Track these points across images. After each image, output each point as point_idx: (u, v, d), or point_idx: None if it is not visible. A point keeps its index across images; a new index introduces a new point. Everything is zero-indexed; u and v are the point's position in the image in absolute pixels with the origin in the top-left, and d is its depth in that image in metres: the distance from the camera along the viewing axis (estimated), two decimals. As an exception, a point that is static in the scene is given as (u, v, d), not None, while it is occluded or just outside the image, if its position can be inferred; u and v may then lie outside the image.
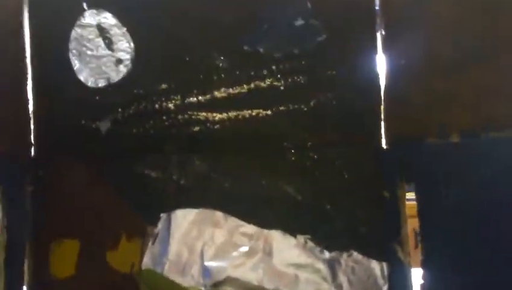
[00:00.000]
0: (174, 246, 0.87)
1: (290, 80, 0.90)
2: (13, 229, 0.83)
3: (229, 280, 0.85)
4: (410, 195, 0.85)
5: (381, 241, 0.85)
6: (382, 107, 0.87)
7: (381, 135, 0.88)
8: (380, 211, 0.86)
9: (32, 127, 0.91)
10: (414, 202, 0.84)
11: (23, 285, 0.85)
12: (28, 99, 0.90)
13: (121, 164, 0.90)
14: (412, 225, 0.84)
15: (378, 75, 0.88)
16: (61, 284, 0.86)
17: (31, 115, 0.91)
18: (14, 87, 0.91)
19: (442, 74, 0.74)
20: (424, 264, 0.77)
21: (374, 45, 0.87)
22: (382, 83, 0.87)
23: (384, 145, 0.88)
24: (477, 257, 0.67)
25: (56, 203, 0.89)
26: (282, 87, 0.90)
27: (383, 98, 0.87)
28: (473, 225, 0.68)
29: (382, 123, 0.87)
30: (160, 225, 0.88)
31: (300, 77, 0.90)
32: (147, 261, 0.87)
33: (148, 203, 0.89)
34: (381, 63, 0.87)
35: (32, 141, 0.91)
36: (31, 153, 0.90)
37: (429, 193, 0.75)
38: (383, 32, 0.85)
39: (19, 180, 0.87)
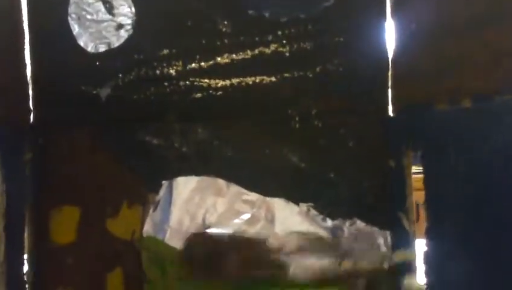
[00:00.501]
0: (175, 213, 0.86)
1: (295, 45, 0.87)
2: (12, 196, 0.81)
3: None
4: (415, 168, 0.84)
5: (386, 211, 0.84)
6: (389, 73, 0.85)
7: (388, 102, 0.86)
8: (385, 180, 0.84)
9: (30, 93, 0.88)
10: (417, 175, 0.83)
11: (23, 251, 0.84)
12: (25, 65, 0.87)
13: (121, 131, 0.88)
14: (414, 197, 0.83)
15: (386, 41, 0.85)
16: (61, 250, 0.85)
17: (29, 81, 0.88)
18: (11, 52, 0.88)
19: (454, 37, 0.71)
20: (428, 234, 0.76)
21: (383, 10, 0.84)
22: (390, 49, 0.85)
23: (391, 113, 0.86)
24: (486, 227, 0.66)
25: (56, 170, 0.87)
26: (287, 54, 0.87)
27: (390, 64, 0.85)
28: (483, 194, 0.66)
29: (389, 90, 0.86)
30: (161, 192, 0.87)
31: (306, 43, 0.87)
32: (148, 229, 0.86)
33: (149, 171, 0.87)
34: (389, 29, 0.85)
35: (31, 108, 0.89)
36: (29, 119, 0.88)
37: (437, 160, 0.73)
38: (393, -3, 0.83)
39: (17, 147, 0.85)
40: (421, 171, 0.79)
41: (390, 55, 0.85)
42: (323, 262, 0.82)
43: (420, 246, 0.80)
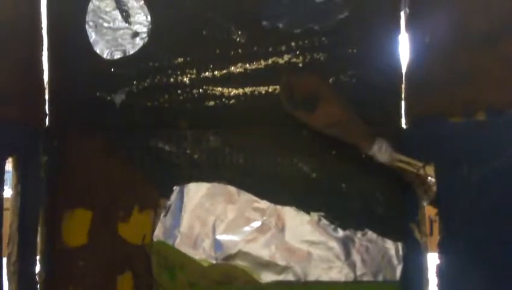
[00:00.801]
0: (186, 219, 0.86)
1: (309, 57, 0.87)
2: (27, 197, 0.82)
3: (240, 254, 0.84)
4: None
5: (398, 222, 0.84)
6: (403, 85, 0.85)
7: (401, 114, 0.86)
8: (397, 191, 0.84)
9: (46, 97, 0.90)
10: None
11: (36, 252, 0.84)
12: (43, 70, 0.89)
13: (134, 137, 0.88)
14: (427, 212, 0.83)
15: (400, 53, 0.85)
16: (73, 252, 0.85)
17: (46, 85, 0.89)
18: (30, 56, 0.89)
19: (469, 49, 0.71)
20: (441, 248, 0.75)
21: (397, 22, 0.84)
22: (404, 61, 0.86)
23: (404, 125, 0.86)
24: (500, 242, 0.65)
25: (69, 173, 0.87)
26: (300, 64, 0.87)
27: (404, 76, 0.85)
28: (497, 208, 0.65)
29: (402, 102, 0.86)
30: (172, 198, 0.87)
31: (320, 54, 0.87)
32: (158, 233, 0.86)
33: (161, 176, 0.87)
34: (404, 42, 0.85)
35: (47, 111, 0.90)
36: (45, 123, 0.89)
37: (450, 173, 0.72)
38: (407, 10, 0.83)
39: (33, 149, 0.86)
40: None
41: (404, 67, 0.85)
42: None
43: (432, 260, 0.80)
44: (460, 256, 0.71)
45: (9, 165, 0.81)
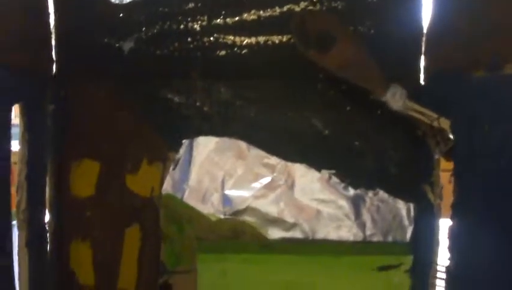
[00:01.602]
0: (195, 173, 0.85)
1: (326, 4, 0.82)
2: (34, 146, 0.82)
3: (249, 210, 0.83)
4: None
5: (411, 183, 0.82)
6: (423, 39, 0.81)
7: (420, 69, 0.82)
8: (412, 150, 0.81)
9: (53, 43, 0.88)
10: None
11: (44, 201, 0.85)
12: (49, 14, 0.86)
13: (143, 87, 0.86)
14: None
15: (422, 5, 0.81)
16: (81, 203, 0.85)
17: (52, 31, 0.87)
18: (35, 0, 0.87)
19: (497, -1, 0.66)
20: (455, 209, 0.73)
21: (421, -30, 0.80)
22: (426, 12, 0.81)
23: (422, 81, 0.83)
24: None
25: (76, 123, 0.86)
26: None
27: (425, 29, 0.81)
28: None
29: (422, 56, 0.82)
30: (181, 151, 0.86)
31: (338, 2, 0.82)
32: (167, 187, 0.85)
33: (170, 129, 0.85)
34: (427, -9, 0.81)
35: (54, 58, 0.88)
36: (52, 70, 0.87)
37: (469, 129, 0.68)
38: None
39: (39, 97, 0.84)
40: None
41: (426, 19, 0.81)
42: None
43: (443, 224, 0.78)
44: (474, 217, 0.69)
45: (16, 120, 0.80)
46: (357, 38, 0.79)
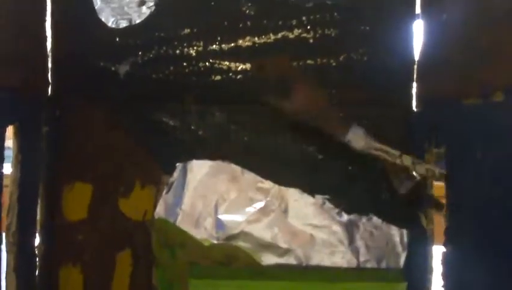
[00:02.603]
0: (188, 197, 0.85)
1: (320, 32, 0.84)
2: (27, 168, 0.81)
3: (242, 235, 0.83)
4: None
5: (404, 209, 0.82)
6: (415, 66, 0.83)
7: (411, 96, 0.84)
8: (405, 177, 0.83)
9: (50, 65, 0.88)
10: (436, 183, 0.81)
11: (35, 224, 0.84)
12: (46, 37, 0.87)
13: (138, 110, 0.87)
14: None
15: (413, 33, 0.83)
16: (73, 226, 0.85)
17: (49, 53, 0.88)
18: (33, 23, 0.87)
19: (489, 26, 0.68)
20: (448, 235, 0.73)
21: (413, 0, 0.82)
22: (418, 40, 0.83)
23: (414, 108, 0.84)
24: (511, 231, 0.63)
25: (71, 145, 0.86)
26: (311, 40, 0.84)
27: (417, 56, 0.83)
28: (510, 195, 0.63)
29: (414, 84, 0.83)
30: (175, 175, 0.85)
31: (331, 30, 0.84)
32: (160, 211, 0.85)
33: (164, 152, 0.86)
34: (418, 21, 0.82)
35: (49, 80, 0.88)
36: (47, 92, 0.88)
37: (462, 156, 0.69)
38: (424, -12, 0.80)
39: (34, 118, 0.85)
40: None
41: (418, 46, 0.83)
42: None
43: (436, 250, 0.78)
44: (468, 244, 0.69)
45: (9, 143, 0.80)
46: (314, 81, 0.81)
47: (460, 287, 0.72)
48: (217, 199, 0.85)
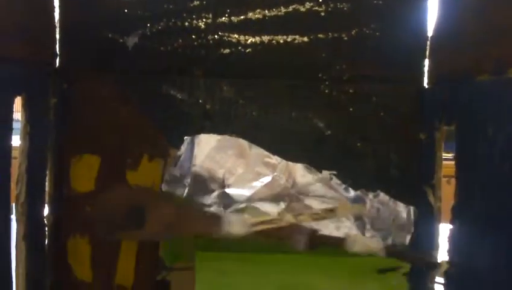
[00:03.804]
0: (195, 170, 0.85)
1: (332, 5, 0.83)
2: (35, 139, 0.82)
3: (249, 208, 0.83)
4: (444, 155, 0.81)
5: (411, 185, 0.82)
6: (428, 42, 0.81)
7: (424, 73, 0.83)
8: (414, 153, 0.82)
9: (57, 36, 0.88)
10: (446, 162, 0.80)
11: (44, 194, 0.85)
12: (53, 7, 0.86)
13: (146, 83, 0.87)
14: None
15: (427, 8, 0.82)
16: (80, 198, 0.85)
17: (57, 24, 0.88)
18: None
19: (504, 1, 0.66)
20: (456, 213, 0.73)
21: (428, -26, 0.80)
22: (431, 16, 0.81)
23: (426, 84, 0.83)
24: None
25: (78, 117, 0.86)
26: (322, 13, 0.83)
27: (430, 32, 0.81)
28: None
29: (426, 60, 0.82)
30: (182, 148, 0.86)
31: (344, 4, 0.83)
32: (167, 183, 0.86)
33: (172, 125, 0.85)
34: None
35: (57, 51, 0.88)
36: (55, 63, 0.88)
37: (473, 135, 0.69)
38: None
39: (42, 90, 0.85)
40: (450, 157, 0.76)
41: (431, 22, 0.81)
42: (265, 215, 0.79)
43: (443, 228, 0.78)
44: (475, 222, 0.69)
45: (18, 115, 0.80)
46: (172, 196, 0.79)
47: (466, 263, 0.72)
48: (224, 173, 0.85)
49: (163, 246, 0.86)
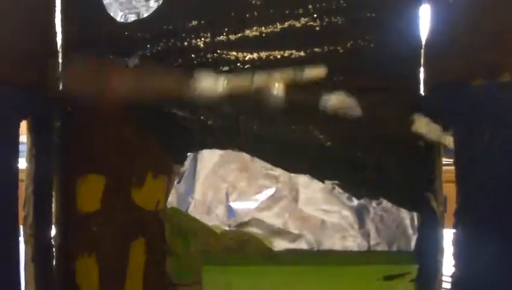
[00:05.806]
0: (199, 185, 0.85)
1: (326, 20, 0.84)
2: (41, 161, 0.82)
3: (253, 222, 0.83)
4: (444, 160, 0.82)
5: (414, 191, 0.82)
6: (422, 50, 0.82)
7: (419, 80, 0.84)
8: (414, 160, 0.82)
9: (60, 60, 0.89)
10: (447, 167, 0.80)
11: (51, 216, 0.85)
12: (56, 32, 0.88)
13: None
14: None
15: (420, 17, 0.83)
16: (86, 218, 0.86)
17: (59, 49, 0.89)
18: (43, 20, 0.88)
19: (495, 8, 0.67)
20: (458, 217, 0.74)
21: (419, -15, 0.82)
22: (425, 25, 0.82)
23: (422, 92, 0.84)
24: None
25: (83, 139, 0.87)
26: (317, 28, 0.84)
27: (424, 41, 0.82)
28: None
29: (421, 68, 0.83)
30: (186, 164, 0.86)
31: (338, 18, 0.84)
32: (172, 200, 0.86)
33: (175, 142, 0.86)
34: (425, 3, 0.82)
35: (60, 75, 0.89)
36: (59, 87, 0.89)
37: (470, 139, 0.70)
38: (430, -28, 0.80)
39: (47, 113, 0.86)
40: (450, 163, 0.77)
41: (425, 31, 0.82)
42: None
43: (447, 234, 0.78)
44: (477, 225, 0.69)
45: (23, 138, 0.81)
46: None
47: (471, 267, 0.71)
48: (228, 187, 0.85)
49: (169, 261, 0.86)
